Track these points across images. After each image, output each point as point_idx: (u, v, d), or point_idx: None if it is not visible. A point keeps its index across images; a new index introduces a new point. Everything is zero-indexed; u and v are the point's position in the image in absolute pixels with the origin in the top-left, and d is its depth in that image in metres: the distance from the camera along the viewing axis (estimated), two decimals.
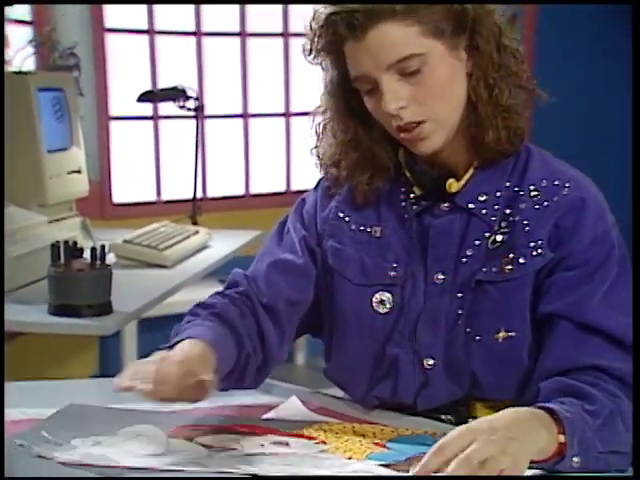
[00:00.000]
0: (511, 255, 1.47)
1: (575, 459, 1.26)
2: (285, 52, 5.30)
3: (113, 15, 4.65)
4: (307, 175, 5.16)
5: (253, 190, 5.28)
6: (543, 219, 1.47)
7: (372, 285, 1.55)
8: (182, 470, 1.25)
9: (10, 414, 1.44)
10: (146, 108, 4.73)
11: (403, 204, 1.56)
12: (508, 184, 1.51)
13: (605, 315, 1.41)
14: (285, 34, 5.28)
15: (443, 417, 1.53)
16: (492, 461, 1.15)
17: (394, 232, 1.56)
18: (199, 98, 3.42)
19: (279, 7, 5.21)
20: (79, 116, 2.91)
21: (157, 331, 3.11)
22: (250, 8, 5.11)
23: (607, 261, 1.44)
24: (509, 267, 1.47)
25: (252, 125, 5.25)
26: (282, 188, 5.39)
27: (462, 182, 1.51)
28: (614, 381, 1.37)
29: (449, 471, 1.14)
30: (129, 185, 4.83)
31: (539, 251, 1.46)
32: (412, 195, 1.56)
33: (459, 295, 1.49)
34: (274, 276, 1.59)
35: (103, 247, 2.12)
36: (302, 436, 1.42)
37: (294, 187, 5.36)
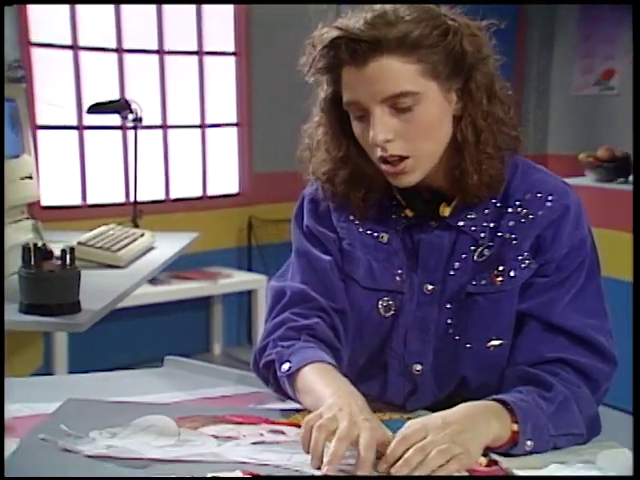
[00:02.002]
0: (501, 268, 1.45)
1: (528, 443, 1.28)
2: (200, 69, 5.28)
3: (38, 31, 4.56)
4: (221, 181, 5.29)
5: (173, 195, 5.24)
6: (529, 232, 1.44)
7: (379, 290, 1.50)
8: (205, 461, 1.21)
9: (15, 409, 1.38)
10: (71, 118, 4.68)
11: (394, 217, 1.52)
12: (494, 201, 1.47)
13: (570, 317, 1.42)
14: (200, 52, 5.27)
15: None
16: (445, 449, 1.17)
17: (396, 240, 1.51)
18: (137, 111, 3.36)
19: (194, 29, 5.18)
20: (29, 125, 2.82)
21: None
22: (169, 30, 5.07)
23: (579, 269, 1.45)
24: (500, 279, 1.45)
25: (171, 135, 5.22)
26: (199, 193, 5.34)
27: (453, 205, 1.48)
28: (575, 373, 1.39)
29: (407, 456, 1.16)
30: (56, 189, 4.73)
31: (527, 262, 1.44)
32: (403, 214, 1.52)
33: (448, 306, 1.47)
34: (334, 279, 1.52)
35: (72, 249, 2.07)
36: (295, 425, 1.40)
37: (210, 192, 5.33)
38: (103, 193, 4.93)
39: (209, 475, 1.15)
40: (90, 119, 4.63)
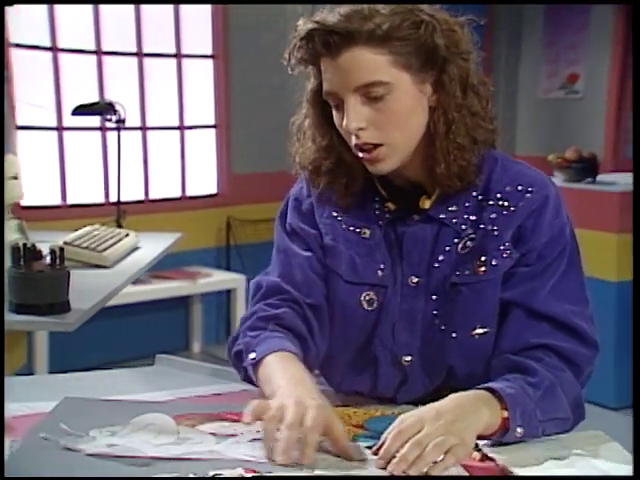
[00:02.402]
0: (483, 258, 1.45)
1: (518, 430, 1.28)
2: (178, 71, 5.26)
3: (18, 32, 4.51)
4: (200, 182, 5.26)
5: (152, 196, 5.20)
6: (510, 223, 1.45)
7: (361, 284, 1.50)
8: (206, 459, 1.19)
9: (14, 409, 1.36)
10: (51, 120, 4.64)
11: (377, 212, 1.52)
12: (475, 194, 1.48)
13: (552, 304, 1.43)
14: (178, 55, 5.23)
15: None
16: (441, 442, 1.18)
17: (378, 235, 1.51)
18: (121, 113, 3.33)
19: (172, 32, 5.16)
20: (15, 126, 2.79)
21: None
22: (147, 33, 5.04)
23: (560, 257, 1.46)
24: (482, 269, 1.45)
25: (150, 137, 5.20)
26: (178, 194, 5.31)
27: (433, 198, 1.48)
28: (559, 358, 1.40)
29: (403, 452, 1.17)
30: (35, 190, 4.67)
31: (508, 252, 1.45)
32: (385, 207, 1.52)
33: (434, 297, 1.47)
34: (310, 274, 1.52)
35: (62, 249, 2.04)
36: None
37: (189, 193, 5.30)
38: (82, 193, 4.89)
39: (211, 473, 1.13)
40: (69, 120, 4.60)
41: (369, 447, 1.26)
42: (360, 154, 1.43)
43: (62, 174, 4.82)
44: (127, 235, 2.96)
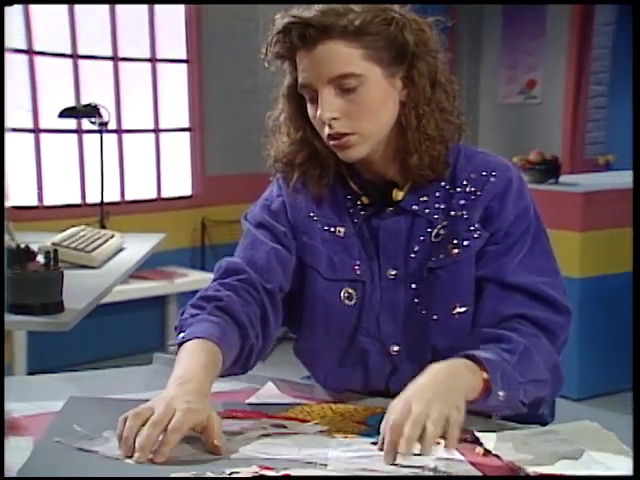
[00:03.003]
0: (455, 241, 1.47)
1: (500, 393, 1.28)
2: (153, 75, 5.20)
3: None
4: (175, 184, 5.21)
5: (128, 197, 5.13)
6: (477, 207, 1.48)
7: (340, 280, 1.52)
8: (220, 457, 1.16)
9: (23, 407, 1.32)
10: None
11: (351, 210, 1.53)
12: (443, 184, 1.50)
13: (522, 275, 1.45)
14: (153, 59, 5.18)
15: None
16: (438, 415, 1.15)
17: (352, 233, 1.53)
18: (105, 116, 3.29)
19: (147, 36, 5.10)
20: None
21: None
22: (122, 37, 4.98)
23: (525, 233, 1.48)
24: (456, 250, 1.47)
25: (125, 139, 5.14)
26: (153, 195, 5.26)
27: (405, 189, 1.50)
28: (534, 326, 1.42)
29: (406, 435, 1.13)
30: (12, 191, 4.60)
31: (478, 233, 1.47)
32: (359, 202, 1.53)
33: (413, 286, 1.49)
34: (274, 263, 1.50)
35: (56, 251, 2.00)
36: (295, 419, 1.37)
37: (164, 194, 5.25)
38: (59, 195, 4.82)
39: (228, 471, 1.10)
40: (46, 123, 4.59)
41: (374, 443, 1.24)
42: (331, 142, 1.45)
43: (39, 176, 4.74)
44: (112, 236, 2.92)
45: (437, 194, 1.50)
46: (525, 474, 1.14)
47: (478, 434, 1.27)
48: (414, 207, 1.50)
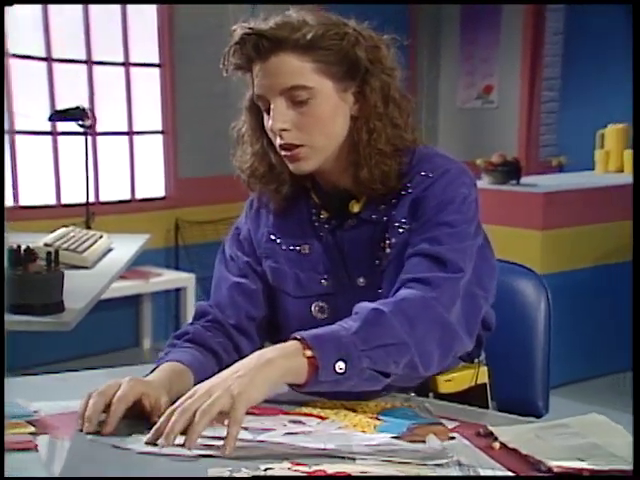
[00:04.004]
0: (387, 240, 1.46)
1: (339, 364, 1.23)
2: (127, 79, 5.14)
3: None
4: (148, 185, 5.16)
5: (102, 199, 5.06)
6: (405, 201, 1.45)
7: (308, 296, 1.51)
8: (253, 456, 1.13)
9: (49, 407, 1.28)
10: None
11: (316, 224, 1.52)
12: (398, 190, 1.47)
13: (424, 243, 1.40)
14: (126, 63, 5.12)
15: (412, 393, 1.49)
16: (207, 407, 1.12)
17: (316, 248, 1.51)
18: (91, 117, 3.24)
19: (120, 41, 5.04)
20: None
21: None
22: (96, 41, 4.92)
23: (446, 211, 1.42)
24: (388, 250, 1.45)
25: (100, 142, 5.07)
26: (127, 197, 5.19)
27: (362, 201, 1.48)
28: (419, 284, 1.36)
29: (170, 423, 1.11)
30: None
31: (403, 227, 1.45)
32: (321, 216, 1.52)
33: (379, 291, 1.46)
34: (236, 297, 1.53)
35: (57, 251, 1.96)
36: (311, 415, 1.34)
37: (138, 196, 5.19)
38: (35, 196, 4.75)
39: (262, 467, 1.08)
40: (21, 124, 4.55)
41: (394, 437, 1.22)
42: (283, 153, 1.43)
43: (14, 177, 4.67)
44: (101, 237, 2.87)
45: (393, 201, 1.47)
46: (547, 468, 1.12)
47: (491, 428, 1.26)
48: (373, 216, 1.48)
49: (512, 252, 4.11)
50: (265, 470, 1.08)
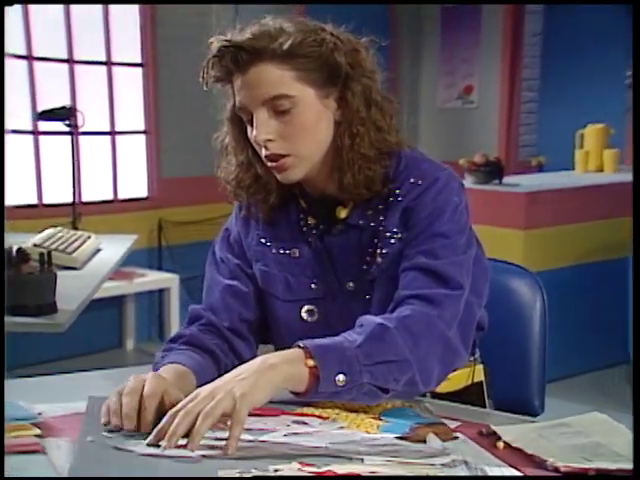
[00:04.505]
0: (378, 250, 1.45)
1: (340, 377, 1.23)
2: (109, 78, 5.11)
3: None
4: (131, 185, 5.12)
5: (85, 199, 5.01)
6: (395, 210, 1.44)
7: (298, 300, 1.51)
8: (258, 456, 1.13)
9: (51, 409, 1.27)
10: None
11: (304, 229, 1.51)
12: (385, 195, 1.46)
13: (420, 257, 1.39)
14: (108, 63, 5.09)
15: None
16: (210, 409, 1.12)
17: (306, 252, 1.51)
18: (78, 117, 3.21)
19: (102, 40, 5.00)
20: None
21: None
22: (78, 40, 4.87)
23: (440, 222, 1.42)
24: (379, 260, 1.45)
25: (82, 141, 4.98)
26: (110, 197, 5.15)
27: (348, 207, 1.47)
28: (421, 301, 1.35)
29: (173, 426, 1.11)
30: None
31: (395, 237, 1.44)
32: (309, 222, 1.51)
33: (367, 297, 1.46)
34: (228, 300, 1.53)
35: (50, 252, 1.94)
36: (313, 415, 1.34)
37: (120, 196, 5.16)
38: (15, 195, 4.69)
39: (271, 468, 1.08)
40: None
41: (398, 437, 1.22)
42: (269, 164, 1.42)
43: None
44: (89, 237, 2.85)
45: (380, 206, 1.46)
46: (553, 467, 1.12)
47: (494, 427, 1.26)
48: (360, 222, 1.47)
49: (495, 251, 4.10)
50: (275, 471, 1.07)
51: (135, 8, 5.13)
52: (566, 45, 6.09)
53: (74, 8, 4.85)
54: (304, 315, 1.50)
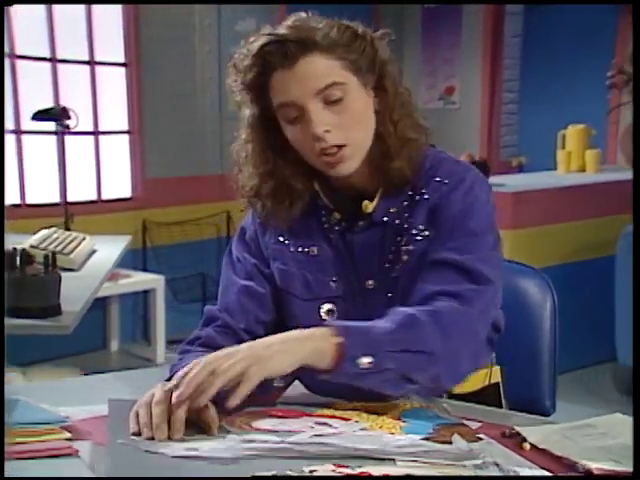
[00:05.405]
0: (404, 247, 1.45)
1: (364, 359, 1.24)
2: (92, 78, 5.07)
3: None
4: (115, 186, 5.08)
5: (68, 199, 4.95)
6: (421, 209, 1.44)
7: (317, 299, 1.49)
8: (291, 456, 1.13)
9: (75, 413, 1.25)
10: None
11: (326, 226, 1.50)
12: (410, 193, 1.47)
13: (450, 253, 1.39)
14: (91, 62, 5.05)
15: None
16: (228, 367, 1.17)
17: (325, 250, 1.50)
18: (69, 118, 3.18)
19: (85, 39, 4.96)
20: None
21: None
22: (60, 39, 4.83)
23: (471, 220, 1.42)
24: (405, 257, 1.45)
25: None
26: (93, 197, 5.13)
27: (375, 201, 1.47)
28: (449, 298, 1.35)
29: (190, 375, 1.18)
30: None
31: (422, 235, 1.44)
32: (332, 218, 1.50)
33: (389, 295, 1.46)
34: (244, 301, 1.52)
35: (54, 254, 1.92)
36: (335, 417, 1.34)
37: (104, 196, 5.12)
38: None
39: (306, 469, 1.07)
40: None
41: (423, 438, 1.22)
42: (324, 159, 1.40)
43: None
44: (84, 238, 2.82)
45: (405, 203, 1.47)
46: (585, 470, 1.12)
47: (518, 428, 1.26)
48: (384, 219, 1.47)
49: None
50: (310, 472, 1.07)
51: (118, 7, 5.09)
52: (546, 46, 6.14)
53: (57, 6, 4.80)
54: (323, 315, 1.49)
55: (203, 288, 5.07)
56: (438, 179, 1.45)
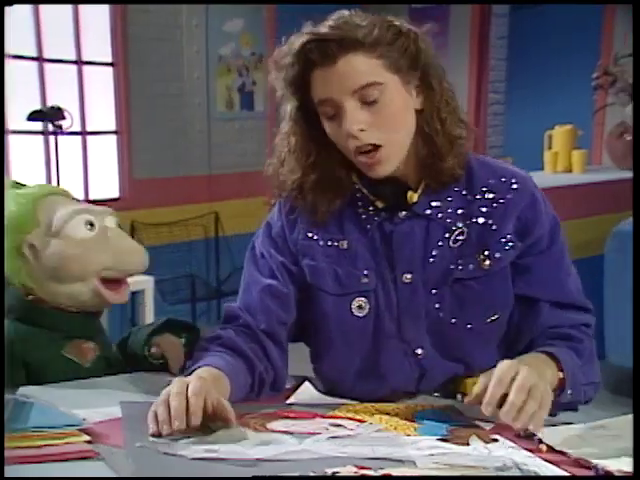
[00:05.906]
0: (486, 252, 1.45)
1: (569, 391, 1.36)
2: (79, 77, 5.02)
3: None
4: (102, 186, 5.05)
5: None
6: (505, 216, 1.45)
7: (348, 293, 1.48)
8: (310, 459, 1.12)
9: (89, 415, 1.24)
10: None
11: (364, 217, 1.49)
12: (457, 189, 1.46)
13: (570, 292, 1.51)
14: (79, 62, 5.00)
15: (436, 394, 1.49)
16: (535, 386, 1.21)
17: (358, 242, 1.48)
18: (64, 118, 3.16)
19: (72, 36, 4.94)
20: None
21: None
22: (47, 39, 4.80)
23: (562, 243, 1.51)
24: (487, 262, 1.45)
25: (52, 141, 4.85)
26: (81, 198, 5.06)
27: (419, 192, 1.46)
28: (586, 330, 1.51)
29: (511, 399, 1.20)
30: None
31: (510, 244, 1.45)
32: (371, 208, 1.48)
33: (434, 292, 1.45)
34: (266, 302, 1.50)
35: None
36: (350, 418, 1.33)
37: (92, 197, 5.08)
38: None
39: (329, 471, 1.07)
40: None
41: (440, 439, 1.22)
42: (360, 158, 1.40)
43: None
44: None
45: (450, 199, 1.46)
46: (604, 471, 1.12)
47: (533, 429, 1.26)
48: (427, 211, 1.46)
49: None
50: (333, 474, 1.06)
51: (105, 7, 5.06)
52: (532, 48, 6.18)
53: (44, 5, 4.77)
54: (354, 309, 1.47)
55: (192, 289, 5.05)
56: (503, 179, 1.46)
